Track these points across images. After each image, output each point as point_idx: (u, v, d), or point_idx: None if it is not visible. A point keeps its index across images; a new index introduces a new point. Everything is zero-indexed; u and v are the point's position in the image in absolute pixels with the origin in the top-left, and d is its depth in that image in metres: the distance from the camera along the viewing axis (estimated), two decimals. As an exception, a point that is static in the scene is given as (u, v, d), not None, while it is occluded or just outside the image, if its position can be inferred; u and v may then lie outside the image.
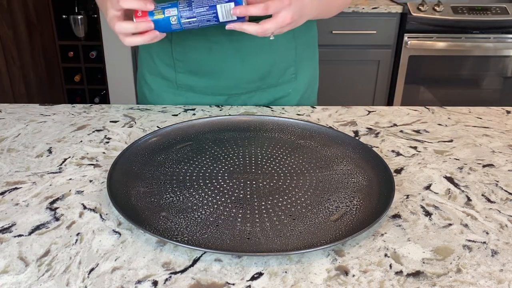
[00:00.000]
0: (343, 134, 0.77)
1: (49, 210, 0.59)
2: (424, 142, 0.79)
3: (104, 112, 0.89)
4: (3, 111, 0.89)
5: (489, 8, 2.27)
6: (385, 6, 2.24)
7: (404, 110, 0.92)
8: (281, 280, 0.48)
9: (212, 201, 0.60)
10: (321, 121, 0.86)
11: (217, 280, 0.48)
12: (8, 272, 0.48)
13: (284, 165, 0.69)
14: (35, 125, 0.83)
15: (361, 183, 0.64)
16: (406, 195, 0.63)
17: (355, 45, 2.32)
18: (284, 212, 0.58)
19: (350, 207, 0.59)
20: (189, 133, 0.78)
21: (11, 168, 0.69)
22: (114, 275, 0.48)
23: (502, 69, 2.43)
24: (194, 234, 0.54)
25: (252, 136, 0.78)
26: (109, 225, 0.56)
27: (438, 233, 0.56)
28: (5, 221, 0.57)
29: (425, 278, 0.48)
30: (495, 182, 0.67)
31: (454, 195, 0.64)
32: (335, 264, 0.50)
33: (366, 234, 0.55)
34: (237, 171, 0.67)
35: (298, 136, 0.78)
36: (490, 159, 0.74)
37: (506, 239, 0.55)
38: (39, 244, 0.53)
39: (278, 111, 0.90)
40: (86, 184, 0.65)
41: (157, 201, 0.60)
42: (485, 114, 0.91)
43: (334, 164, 0.69)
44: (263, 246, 0.52)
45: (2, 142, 0.76)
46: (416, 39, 2.28)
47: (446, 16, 2.26)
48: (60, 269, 0.49)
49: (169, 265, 0.50)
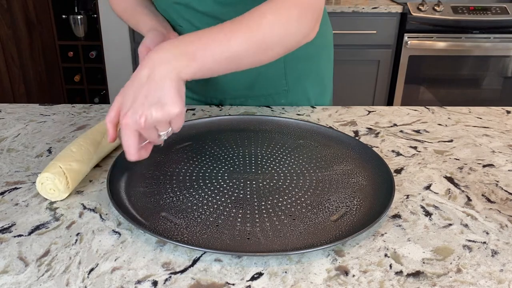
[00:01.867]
0: (343, 134, 0.77)
1: (48, 210, 0.59)
2: (424, 142, 0.79)
3: (104, 112, 0.88)
4: (3, 111, 0.89)
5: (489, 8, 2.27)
6: (385, 6, 2.24)
7: (404, 110, 0.92)
8: (281, 280, 0.48)
9: (212, 201, 0.60)
10: (321, 121, 0.86)
11: (217, 280, 0.48)
12: (8, 272, 0.48)
13: (284, 165, 0.69)
14: (35, 125, 0.83)
15: (361, 183, 0.64)
16: (406, 195, 0.63)
17: (355, 45, 2.32)
18: (284, 212, 0.58)
19: (350, 207, 0.59)
20: (189, 133, 0.78)
21: (11, 168, 0.68)
22: (114, 275, 0.48)
23: (502, 69, 2.43)
24: (194, 234, 0.53)
25: (252, 136, 0.78)
26: (109, 225, 0.56)
27: (438, 233, 0.56)
28: (5, 221, 0.57)
29: (425, 278, 0.48)
30: (495, 182, 0.67)
31: (454, 195, 0.64)
32: (335, 264, 0.50)
33: (366, 234, 0.55)
34: (237, 171, 0.67)
35: (298, 136, 0.78)
36: (490, 159, 0.74)
37: (506, 239, 0.55)
38: (39, 244, 0.53)
39: (278, 111, 0.90)
40: (86, 184, 0.65)
41: (157, 201, 0.60)
42: (485, 114, 0.91)
43: (334, 164, 0.69)
44: (263, 246, 0.52)
45: (2, 142, 0.76)
46: (416, 39, 2.28)
47: (446, 16, 2.26)
48: (60, 269, 0.49)
49: (169, 265, 0.50)
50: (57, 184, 0.59)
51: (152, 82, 0.54)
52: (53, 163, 0.61)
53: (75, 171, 0.61)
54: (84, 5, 2.72)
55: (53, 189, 0.59)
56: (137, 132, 0.55)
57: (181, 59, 0.55)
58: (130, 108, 0.54)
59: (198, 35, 0.58)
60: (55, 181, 0.59)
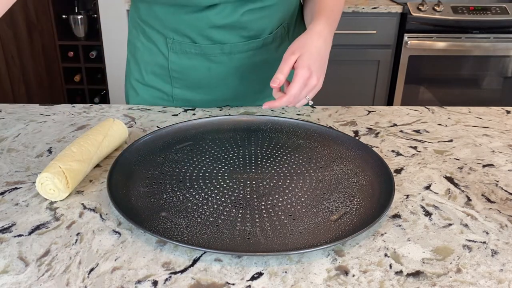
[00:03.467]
0: (343, 134, 0.77)
1: (49, 210, 0.59)
2: (424, 142, 0.79)
3: (104, 112, 0.88)
4: (3, 111, 0.89)
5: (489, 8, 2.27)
6: (385, 6, 2.24)
7: (404, 110, 0.92)
8: (281, 280, 0.48)
9: (212, 201, 0.60)
10: (321, 121, 0.86)
11: (217, 280, 0.48)
12: (8, 272, 0.48)
13: (284, 165, 0.69)
14: (35, 125, 0.83)
15: (361, 183, 0.64)
16: (406, 195, 0.63)
17: (355, 45, 2.31)
18: (284, 212, 0.58)
19: (350, 207, 0.59)
20: (189, 133, 0.78)
21: (11, 168, 0.68)
22: (114, 275, 0.48)
23: (502, 69, 2.43)
24: (194, 234, 0.54)
25: (252, 136, 0.78)
26: (109, 225, 0.56)
27: (438, 233, 0.56)
28: (5, 221, 0.57)
29: (425, 278, 0.48)
30: (495, 182, 0.67)
31: (454, 195, 0.64)
32: (335, 264, 0.50)
33: (366, 234, 0.55)
34: (237, 171, 0.67)
35: (298, 136, 0.78)
36: (490, 159, 0.74)
37: (506, 239, 0.55)
38: (39, 244, 0.53)
39: (278, 111, 0.90)
40: (86, 184, 0.65)
41: (157, 201, 0.60)
42: (485, 114, 0.91)
43: (334, 164, 0.69)
44: (263, 246, 0.52)
45: (2, 142, 0.76)
46: (416, 39, 2.28)
47: (446, 16, 2.26)
48: (60, 269, 0.49)
49: (169, 265, 0.50)
50: (57, 184, 0.59)
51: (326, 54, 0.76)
52: (53, 163, 0.61)
53: (75, 171, 0.61)
54: (84, 5, 2.72)
55: (53, 189, 0.60)
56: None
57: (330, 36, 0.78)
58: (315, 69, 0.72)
59: (329, 22, 0.79)
60: (55, 180, 0.59)
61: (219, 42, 0.85)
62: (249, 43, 0.86)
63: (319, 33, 0.75)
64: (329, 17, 0.79)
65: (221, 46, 0.85)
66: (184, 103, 0.93)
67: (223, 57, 0.87)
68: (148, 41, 0.90)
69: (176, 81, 0.91)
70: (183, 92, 0.92)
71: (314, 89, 0.73)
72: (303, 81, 0.71)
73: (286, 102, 0.72)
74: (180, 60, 0.88)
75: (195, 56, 0.87)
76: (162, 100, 0.94)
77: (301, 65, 0.71)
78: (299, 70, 0.71)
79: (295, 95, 0.71)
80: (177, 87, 0.92)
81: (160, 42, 0.88)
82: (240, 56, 0.87)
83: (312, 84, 0.72)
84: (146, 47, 0.91)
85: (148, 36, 0.89)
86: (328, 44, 0.77)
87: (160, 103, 0.94)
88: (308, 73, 0.71)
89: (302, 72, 0.71)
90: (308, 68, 0.71)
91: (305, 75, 0.71)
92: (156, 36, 0.88)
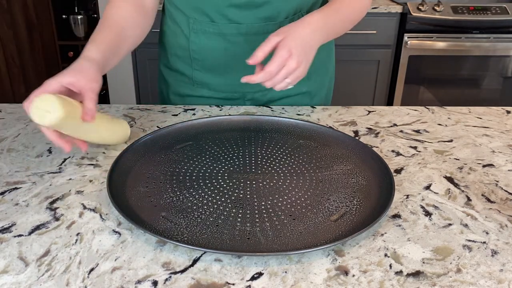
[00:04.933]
0: (343, 134, 0.77)
1: (49, 210, 0.59)
2: (424, 142, 0.79)
3: (104, 112, 0.88)
4: (3, 111, 0.89)
5: (489, 8, 2.27)
6: (385, 6, 2.24)
7: (404, 110, 0.92)
8: (281, 280, 0.48)
9: (212, 201, 0.60)
10: (321, 121, 0.86)
11: (217, 280, 0.48)
12: (8, 272, 0.48)
13: (284, 165, 0.69)
14: (35, 125, 0.82)
15: (361, 183, 0.64)
16: (406, 195, 0.63)
17: (355, 45, 2.31)
18: (284, 212, 0.58)
19: (350, 207, 0.59)
20: (189, 133, 0.78)
21: (11, 168, 0.68)
22: (114, 275, 0.48)
23: (502, 69, 2.43)
24: (194, 234, 0.53)
25: (252, 136, 0.78)
26: (109, 225, 0.56)
27: (438, 233, 0.56)
28: (5, 221, 0.57)
29: (425, 278, 0.48)
30: (495, 182, 0.67)
31: (454, 195, 0.64)
32: (335, 264, 0.50)
33: (366, 234, 0.55)
34: (237, 171, 0.67)
35: (298, 136, 0.78)
36: (490, 159, 0.74)
37: (506, 239, 0.55)
38: (39, 244, 0.53)
39: (278, 111, 0.90)
40: (86, 184, 0.65)
41: (157, 201, 0.60)
42: (485, 114, 0.91)
43: (334, 164, 0.69)
44: (263, 246, 0.52)
45: (2, 142, 0.76)
46: (416, 39, 2.28)
47: (446, 16, 2.26)
48: (60, 269, 0.49)
49: (169, 265, 0.50)
50: (53, 101, 0.61)
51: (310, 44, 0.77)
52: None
53: (69, 101, 0.64)
54: (84, 5, 2.72)
55: (49, 112, 0.61)
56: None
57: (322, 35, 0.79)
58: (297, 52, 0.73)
59: (326, 19, 0.80)
60: (52, 98, 0.61)
61: (235, 22, 0.87)
62: (265, 25, 0.88)
63: (308, 22, 0.77)
64: (329, 15, 0.81)
65: (238, 26, 0.88)
66: (203, 86, 0.96)
67: (240, 37, 0.89)
68: (173, 23, 0.94)
69: (196, 62, 0.94)
70: (202, 74, 0.95)
71: (294, 73, 0.74)
72: (282, 60, 0.72)
73: (262, 78, 0.73)
74: (200, 40, 0.91)
75: (213, 36, 0.90)
76: (184, 83, 0.98)
77: (282, 45, 0.73)
78: (279, 50, 0.73)
79: (271, 73, 0.72)
80: (197, 69, 0.95)
81: (183, 23, 0.92)
82: (256, 38, 0.88)
83: (292, 67, 0.73)
84: (172, 30, 0.95)
85: (173, 19, 0.94)
86: (317, 35, 0.78)
87: (183, 86, 0.98)
88: (287, 54, 0.72)
89: (282, 52, 0.72)
90: (288, 49, 0.72)
91: (284, 55, 0.72)
92: (180, 17, 0.92)
